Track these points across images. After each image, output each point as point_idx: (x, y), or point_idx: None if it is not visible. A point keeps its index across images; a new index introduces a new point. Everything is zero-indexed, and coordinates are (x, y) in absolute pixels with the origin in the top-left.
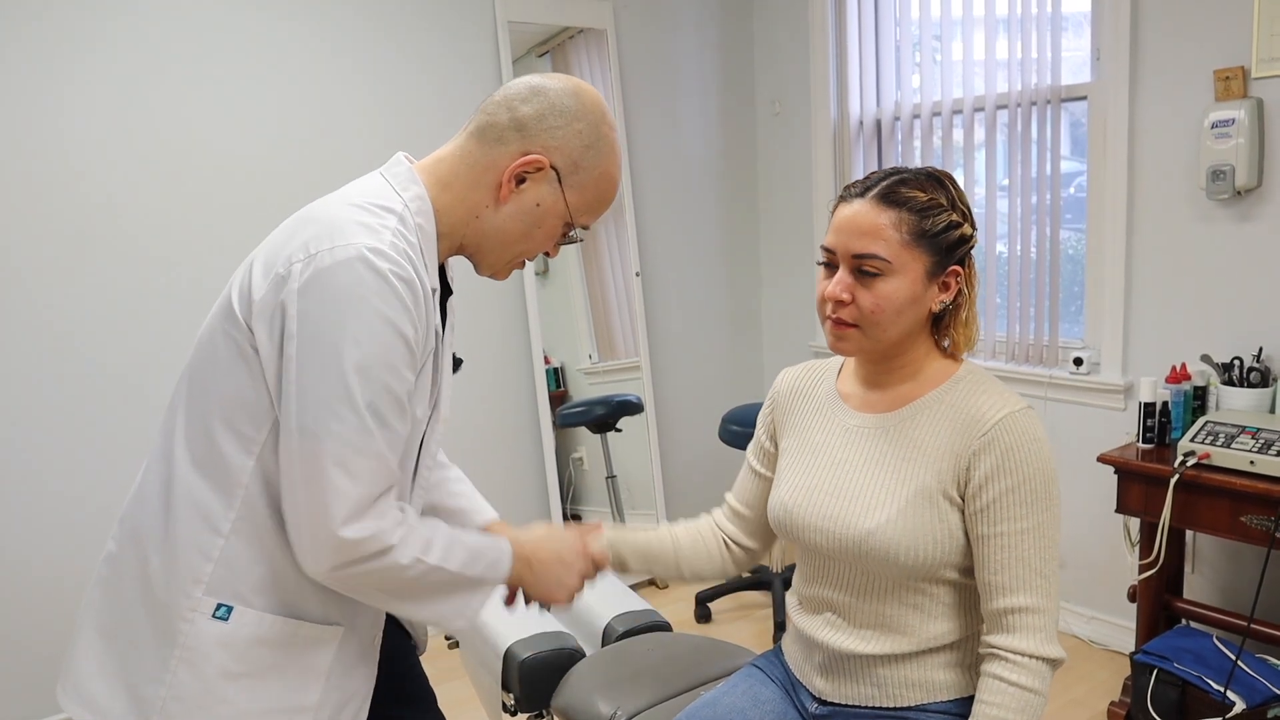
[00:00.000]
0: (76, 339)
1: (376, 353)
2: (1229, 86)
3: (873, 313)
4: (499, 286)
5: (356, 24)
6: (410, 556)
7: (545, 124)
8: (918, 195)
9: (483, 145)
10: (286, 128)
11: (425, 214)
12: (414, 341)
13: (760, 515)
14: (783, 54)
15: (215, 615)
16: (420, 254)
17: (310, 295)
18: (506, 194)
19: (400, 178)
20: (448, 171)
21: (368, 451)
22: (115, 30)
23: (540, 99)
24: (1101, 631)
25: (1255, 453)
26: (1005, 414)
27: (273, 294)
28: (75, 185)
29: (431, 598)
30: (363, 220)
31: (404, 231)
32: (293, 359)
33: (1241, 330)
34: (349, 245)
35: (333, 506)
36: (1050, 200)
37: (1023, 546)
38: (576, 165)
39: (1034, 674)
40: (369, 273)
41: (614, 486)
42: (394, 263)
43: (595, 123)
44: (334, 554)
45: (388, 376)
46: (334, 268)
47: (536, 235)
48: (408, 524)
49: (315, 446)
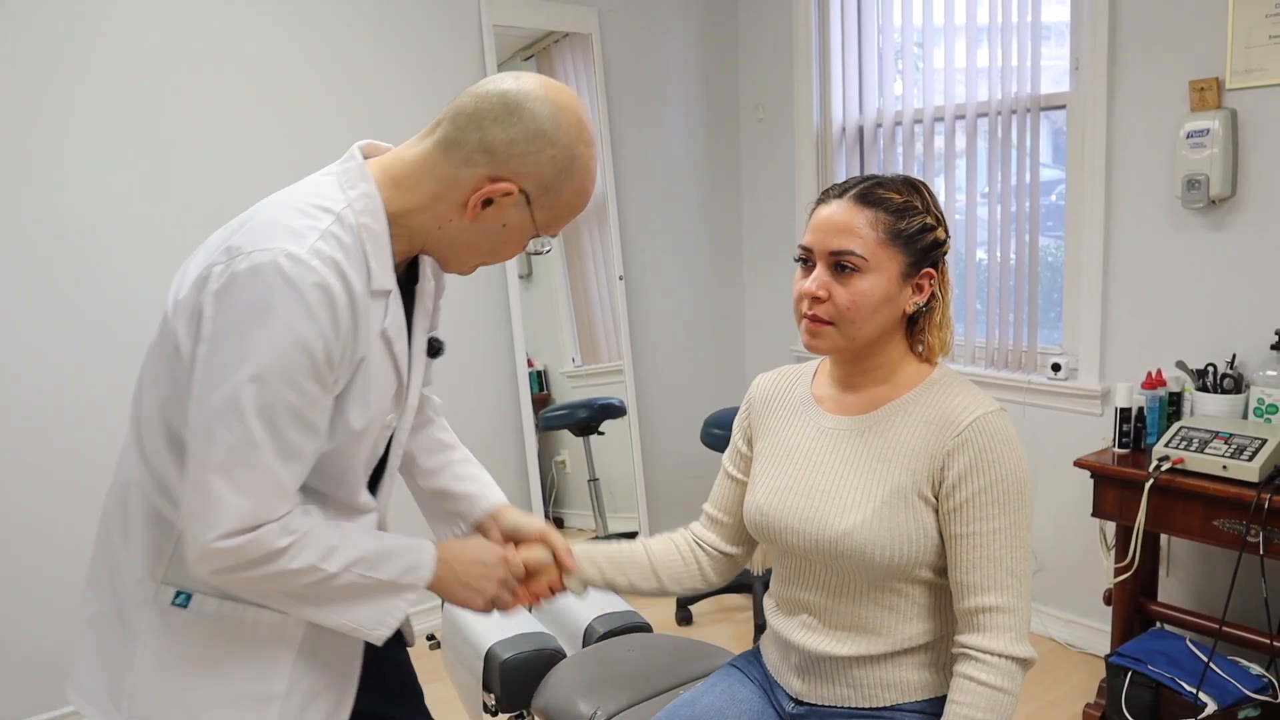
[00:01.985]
0: (67, 340)
1: (275, 364)
2: (1204, 97)
3: (848, 309)
4: (483, 290)
5: (341, 28)
6: (304, 562)
7: (516, 149)
8: (894, 197)
9: (448, 161)
10: (268, 132)
11: (372, 212)
12: (319, 354)
13: (739, 521)
14: (766, 60)
15: (175, 603)
16: (361, 255)
17: (222, 300)
18: (473, 214)
19: (350, 174)
20: (408, 176)
21: (254, 464)
22: (99, 36)
23: (513, 120)
24: (1077, 634)
25: (1228, 458)
26: (979, 415)
27: (193, 294)
28: (56, 190)
29: (343, 604)
30: (291, 223)
31: (337, 234)
32: (200, 361)
33: (1215, 337)
34: (266, 250)
35: (210, 515)
36: (1030, 207)
37: (995, 546)
38: (547, 189)
39: (1004, 674)
40: (279, 281)
41: (596, 489)
42: (310, 270)
43: (570, 145)
44: (209, 561)
45: (285, 389)
46: (246, 273)
47: (502, 249)
48: (304, 529)
49: (203, 451)
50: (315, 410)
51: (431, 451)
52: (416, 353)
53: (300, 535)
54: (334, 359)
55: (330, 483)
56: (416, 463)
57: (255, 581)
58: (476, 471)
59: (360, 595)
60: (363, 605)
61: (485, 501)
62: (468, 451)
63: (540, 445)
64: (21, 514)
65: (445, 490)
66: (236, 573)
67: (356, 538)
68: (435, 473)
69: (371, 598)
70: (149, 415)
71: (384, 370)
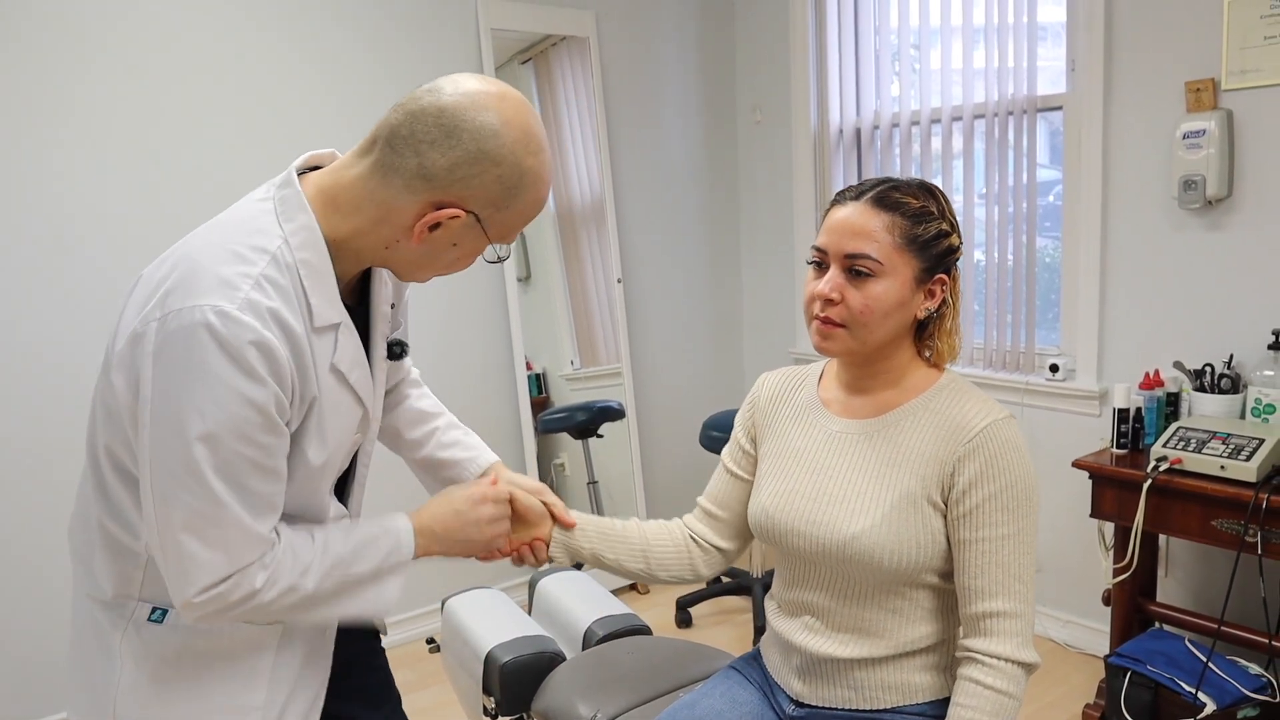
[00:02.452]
0: (68, 340)
1: (224, 422)
2: (1200, 98)
3: (861, 313)
4: (481, 292)
5: (338, 31)
6: (281, 587)
7: (458, 174)
8: (910, 202)
9: (387, 186)
10: (267, 136)
11: (310, 246)
12: (266, 405)
13: (734, 516)
14: (763, 63)
15: (150, 619)
16: (300, 295)
17: (159, 362)
18: (419, 239)
19: (287, 204)
20: (348, 202)
21: (222, 521)
22: (94, 42)
23: (451, 144)
24: (1076, 635)
25: (1226, 458)
26: (990, 422)
27: (129, 351)
28: (54, 191)
29: (333, 605)
30: (223, 272)
31: (273, 277)
32: (146, 425)
33: (1213, 337)
34: (195, 308)
35: (187, 573)
36: (1027, 208)
37: (1003, 552)
38: (498, 206)
39: (1009, 678)
40: (212, 342)
41: (595, 492)
42: (244, 328)
43: (517, 161)
44: (192, 612)
45: (238, 445)
46: (179, 333)
47: (457, 264)
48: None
49: (167, 514)
50: (275, 458)
51: (413, 423)
52: (377, 364)
53: (273, 568)
54: (283, 407)
55: (296, 508)
56: (401, 436)
57: (241, 616)
58: (462, 436)
59: (347, 593)
60: (353, 600)
61: (474, 465)
62: (452, 417)
63: (539, 448)
64: (20, 515)
65: (432, 459)
66: (222, 615)
67: (328, 543)
68: (420, 443)
69: (359, 591)
70: (99, 451)
71: (341, 403)
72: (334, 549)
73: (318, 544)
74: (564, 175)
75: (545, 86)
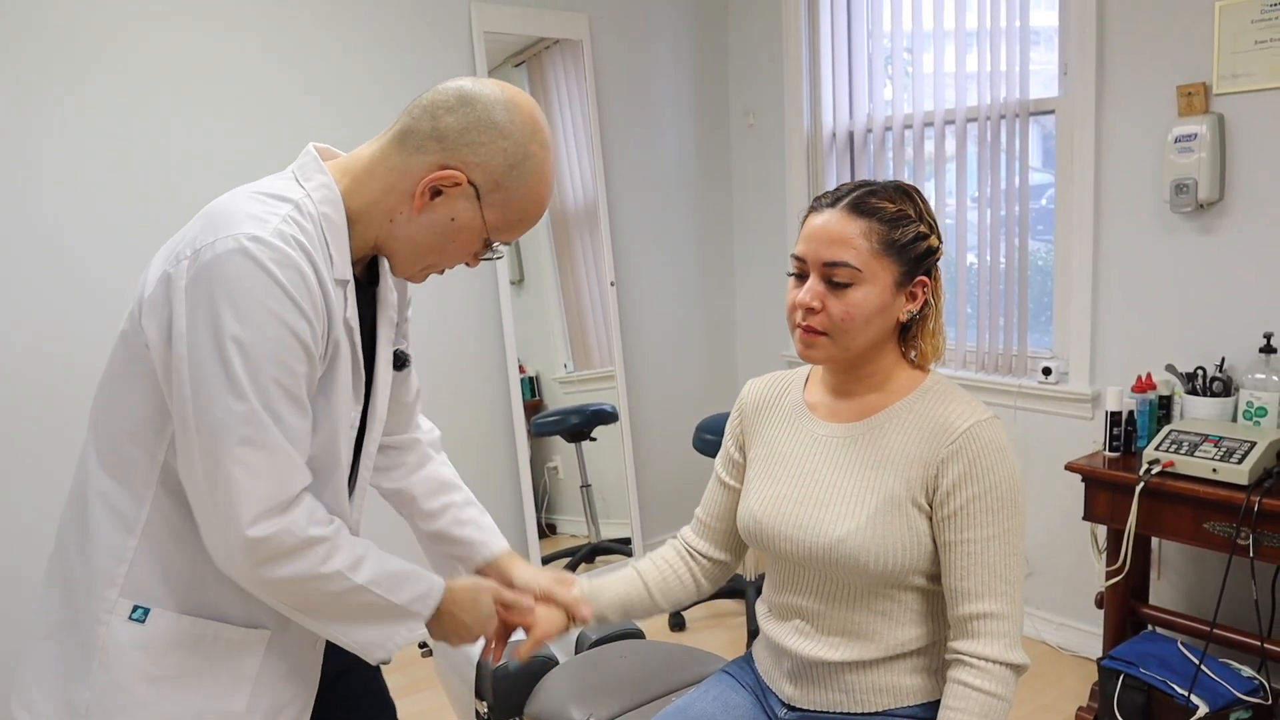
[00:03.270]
0: (43, 346)
1: (261, 345)
2: (1191, 102)
3: (842, 321)
4: (475, 296)
5: (329, 37)
6: (334, 567)
7: (467, 138)
8: (887, 206)
9: (402, 151)
10: (261, 139)
11: (331, 203)
12: (303, 332)
13: (730, 527)
14: (756, 66)
15: (132, 617)
16: (323, 243)
17: (194, 293)
18: (421, 204)
19: (306, 168)
20: (363, 170)
21: (267, 445)
22: (87, 49)
23: (466, 110)
24: (1069, 638)
25: (1218, 461)
26: (973, 423)
27: (161, 291)
28: (47, 201)
29: (354, 620)
30: (251, 210)
31: (298, 219)
32: (183, 358)
33: (1204, 341)
34: (230, 237)
35: (239, 505)
36: (1020, 212)
37: (988, 553)
38: (498, 184)
39: (998, 680)
40: (248, 263)
41: (589, 495)
42: (277, 251)
43: (523, 141)
44: (246, 554)
45: (274, 369)
46: (214, 262)
47: (451, 249)
48: (334, 530)
49: (213, 444)
50: (302, 388)
51: (432, 493)
52: (381, 359)
53: (333, 533)
54: (317, 338)
55: (319, 481)
56: (417, 504)
57: (292, 582)
58: (477, 515)
59: (372, 615)
60: (371, 626)
61: (486, 549)
62: (469, 493)
63: (532, 451)
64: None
65: (445, 534)
66: (274, 568)
67: (378, 554)
68: (436, 515)
69: (381, 620)
70: (111, 425)
71: (348, 361)
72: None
73: (372, 550)
74: (558, 178)
75: (539, 90)
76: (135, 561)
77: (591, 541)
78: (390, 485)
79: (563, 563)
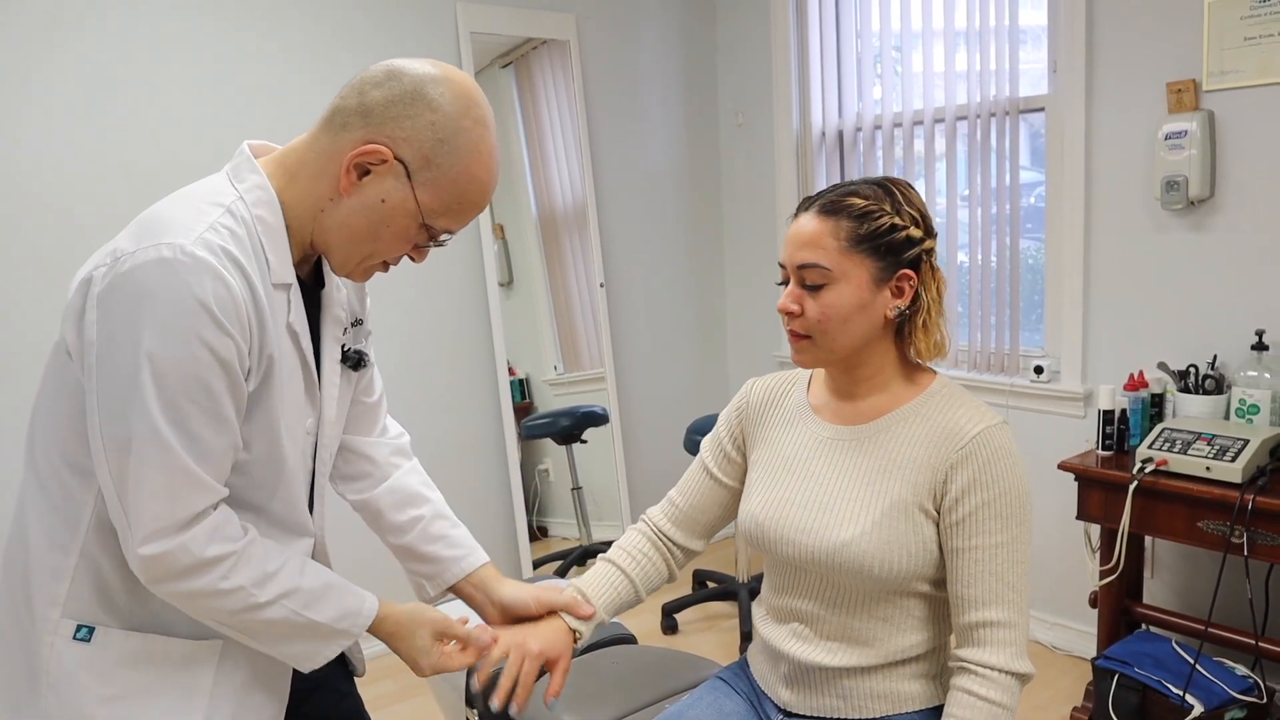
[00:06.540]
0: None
1: (174, 362)
2: (1181, 99)
3: (820, 322)
4: (463, 298)
5: (316, 35)
6: (235, 583)
7: (393, 111)
8: (856, 202)
9: (329, 132)
10: (237, 141)
11: (265, 204)
12: (221, 348)
13: (707, 519)
14: (745, 65)
15: (76, 637)
16: (258, 247)
17: (107, 301)
18: (348, 185)
19: (239, 169)
20: (295, 162)
21: (165, 465)
22: (73, 40)
23: (393, 84)
24: (1064, 637)
25: (1211, 459)
26: (983, 428)
27: (79, 297)
28: (31, 196)
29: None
30: (178, 217)
31: (229, 225)
32: (93, 368)
33: (1196, 338)
34: (151, 247)
35: (132, 522)
36: (1010, 210)
37: (996, 561)
38: (428, 160)
39: (1003, 689)
40: (168, 275)
41: (579, 498)
42: (199, 261)
43: (455, 115)
44: (141, 570)
45: (188, 386)
46: (133, 272)
47: (385, 235)
48: (243, 545)
49: (117, 459)
50: (224, 405)
51: (399, 505)
52: (329, 359)
53: (236, 551)
54: (241, 355)
55: (264, 492)
56: (383, 517)
57: (190, 597)
58: (449, 529)
59: (291, 632)
60: (294, 643)
61: (458, 566)
62: (441, 502)
63: (523, 454)
64: None
65: (412, 550)
66: (169, 584)
67: (297, 569)
68: (403, 529)
69: (302, 637)
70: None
71: (294, 369)
72: (300, 578)
73: (290, 565)
74: (545, 179)
75: (526, 90)
76: (75, 580)
77: (583, 544)
78: (355, 497)
79: (554, 566)
